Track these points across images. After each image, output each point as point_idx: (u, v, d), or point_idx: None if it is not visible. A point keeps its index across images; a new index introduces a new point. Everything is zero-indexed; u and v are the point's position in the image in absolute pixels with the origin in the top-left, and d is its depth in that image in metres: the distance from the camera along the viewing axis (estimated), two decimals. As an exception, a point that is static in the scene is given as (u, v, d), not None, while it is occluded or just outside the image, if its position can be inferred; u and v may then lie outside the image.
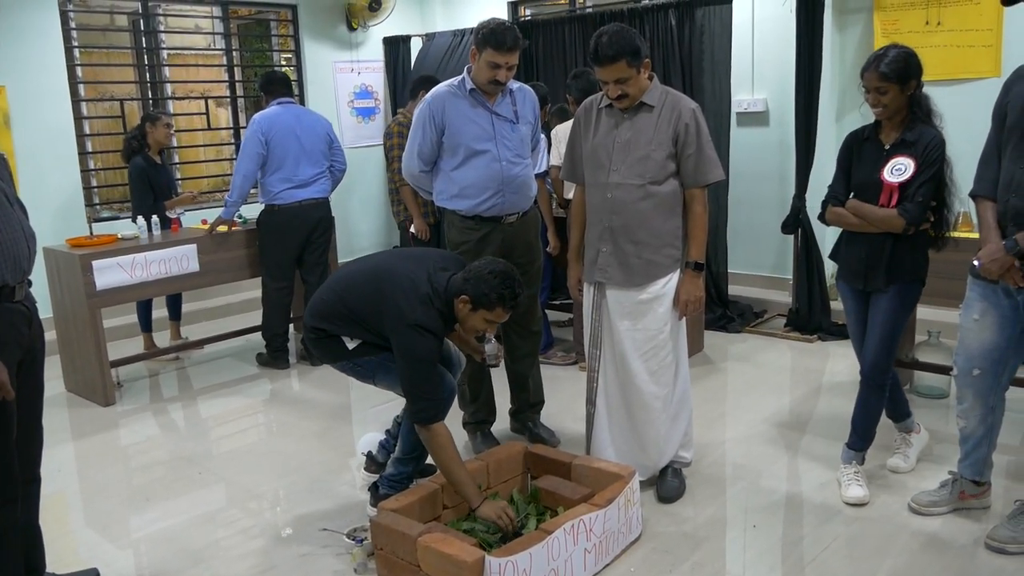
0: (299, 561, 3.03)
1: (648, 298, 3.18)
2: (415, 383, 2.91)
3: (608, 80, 3.08)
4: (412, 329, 2.89)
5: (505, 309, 2.95)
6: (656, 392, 3.21)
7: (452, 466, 2.89)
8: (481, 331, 3.08)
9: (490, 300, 2.91)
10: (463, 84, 3.59)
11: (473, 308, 2.94)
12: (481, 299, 2.91)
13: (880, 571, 2.81)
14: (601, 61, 3.04)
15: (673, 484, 3.35)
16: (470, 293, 2.92)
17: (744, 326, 5.69)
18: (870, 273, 3.20)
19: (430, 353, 2.93)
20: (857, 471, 3.35)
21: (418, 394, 2.91)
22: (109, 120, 6.99)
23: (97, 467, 3.97)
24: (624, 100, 3.13)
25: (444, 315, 2.98)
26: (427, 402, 2.91)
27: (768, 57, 5.90)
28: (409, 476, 3.33)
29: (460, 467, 2.91)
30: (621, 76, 3.05)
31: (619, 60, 3.02)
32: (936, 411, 4.17)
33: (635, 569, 2.86)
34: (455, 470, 2.89)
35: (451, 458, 2.90)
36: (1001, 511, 3.10)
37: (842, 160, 3.31)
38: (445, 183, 3.67)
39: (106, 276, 4.64)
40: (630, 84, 3.09)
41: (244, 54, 7.72)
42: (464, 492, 2.89)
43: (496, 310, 2.94)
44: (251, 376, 5.18)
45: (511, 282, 2.93)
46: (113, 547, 3.21)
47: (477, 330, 3.06)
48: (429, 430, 2.90)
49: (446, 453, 2.90)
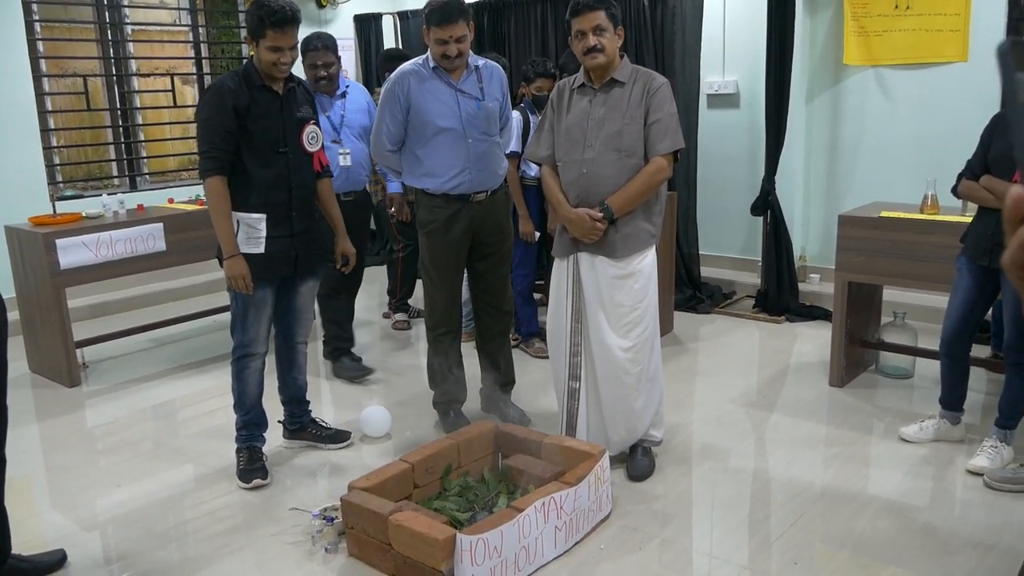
0: (269, 541, 3.01)
1: (623, 274, 3.19)
2: (199, 140, 3.28)
3: (587, 29, 3.10)
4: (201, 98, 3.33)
5: (273, 29, 3.16)
6: (630, 369, 3.23)
7: (219, 215, 3.24)
8: (274, 64, 3.22)
9: (254, 26, 3.19)
10: (427, 62, 3.56)
11: (255, 44, 3.21)
12: (251, 31, 3.23)
13: (845, 546, 2.85)
14: (581, 9, 3.08)
15: (643, 463, 3.38)
16: (247, 32, 3.28)
17: (713, 307, 5.73)
18: (996, 249, 3.22)
19: (206, 108, 3.24)
20: (995, 445, 3.36)
21: (200, 151, 3.25)
22: (72, 96, 6.84)
23: (63, 449, 3.91)
24: (598, 56, 3.13)
25: (247, 73, 3.27)
26: (203, 159, 3.24)
27: (739, 39, 5.91)
28: (243, 424, 3.54)
29: (224, 218, 3.24)
30: (599, 25, 3.09)
31: (599, 9, 3.08)
32: (900, 391, 4.24)
33: (605, 546, 2.88)
34: (220, 220, 3.24)
35: (215, 207, 3.25)
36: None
37: (984, 136, 3.35)
38: (412, 162, 3.65)
39: (70, 255, 4.55)
40: (607, 38, 3.11)
41: (211, 31, 7.59)
42: (225, 240, 3.25)
43: (268, 33, 3.16)
44: (216, 357, 5.13)
45: (263, 3, 3.17)
46: (79, 528, 3.17)
47: (272, 64, 3.22)
48: (206, 182, 3.25)
49: (217, 204, 3.24)
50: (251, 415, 3.54)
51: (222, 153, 3.22)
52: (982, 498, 3.15)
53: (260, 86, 3.27)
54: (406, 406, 4.21)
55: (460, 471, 3.20)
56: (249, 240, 3.30)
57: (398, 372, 4.81)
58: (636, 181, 3.15)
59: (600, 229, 3.15)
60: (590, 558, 2.82)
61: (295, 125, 3.35)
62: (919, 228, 3.92)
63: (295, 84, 3.40)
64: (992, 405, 3.96)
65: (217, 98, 3.20)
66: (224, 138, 3.20)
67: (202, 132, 3.25)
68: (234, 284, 3.28)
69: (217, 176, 3.23)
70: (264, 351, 3.51)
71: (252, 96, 3.24)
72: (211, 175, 3.22)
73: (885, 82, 5.41)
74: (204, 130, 3.24)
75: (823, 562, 2.77)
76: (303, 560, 2.88)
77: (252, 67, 3.29)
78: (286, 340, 3.66)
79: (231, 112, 3.19)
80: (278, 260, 3.36)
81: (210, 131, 3.21)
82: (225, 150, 3.22)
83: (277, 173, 3.31)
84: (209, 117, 3.22)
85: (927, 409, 3.89)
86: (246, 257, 3.28)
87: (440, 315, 3.74)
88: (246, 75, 3.27)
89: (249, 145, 3.25)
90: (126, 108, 6.80)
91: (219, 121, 3.19)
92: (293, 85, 3.38)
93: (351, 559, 2.85)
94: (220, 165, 3.22)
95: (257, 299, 3.37)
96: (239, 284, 3.27)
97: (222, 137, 3.20)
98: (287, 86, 3.35)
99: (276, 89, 3.30)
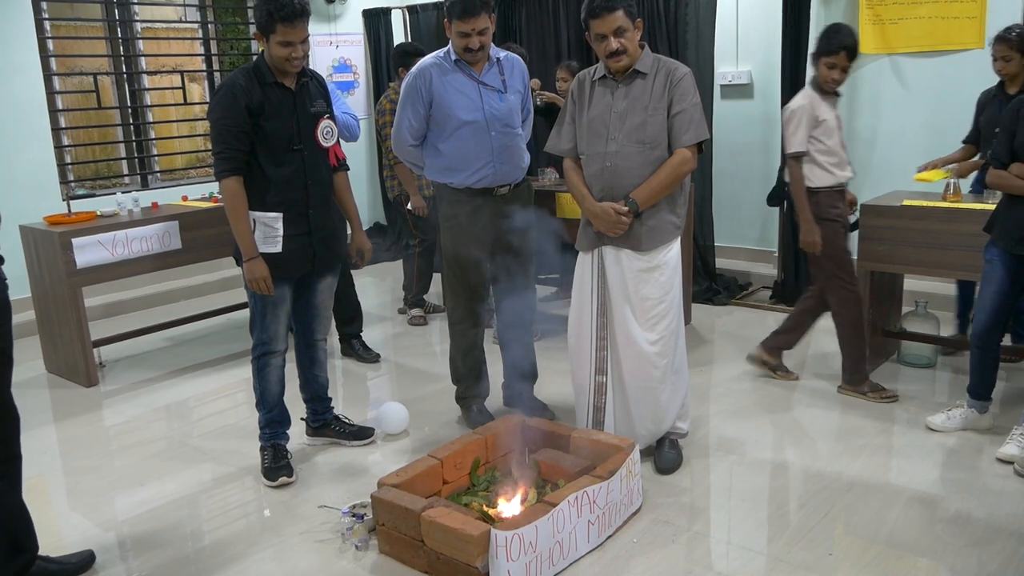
0: (299, 539, 2.99)
1: (649, 267, 3.17)
2: (213, 141, 3.24)
3: (607, 32, 3.05)
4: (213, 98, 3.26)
5: (283, 23, 3.10)
6: (657, 362, 3.20)
7: (237, 217, 3.21)
8: (286, 59, 3.17)
9: (263, 22, 3.13)
10: (448, 55, 3.53)
11: (266, 39, 3.16)
12: (260, 26, 3.16)
13: (878, 537, 2.84)
14: (598, 12, 3.03)
15: (671, 455, 3.36)
16: (257, 28, 3.19)
17: (730, 299, 5.71)
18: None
19: (218, 108, 3.18)
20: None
21: (214, 151, 3.22)
22: (81, 95, 6.82)
23: (83, 449, 3.89)
24: (622, 58, 3.09)
25: (257, 70, 3.22)
26: (217, 160, 3.21)
27: (752, 29, 5.88)
28: (266, 423, 3.53)
29: (242, 219, 3.22)
30: (620, 26, 3.05)
31: (617, 9, 3.03)
32: (923, 380, 4.21)
33: (637, 540, 2.87)
34: (239, 222, 3.22)
35: (232, 209, 3.22)
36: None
37: (1008, 124, 3.31)
38: (435, 156, 3.62)
39: (86, 254, 4.54)
40: (627, 38, 3.07)
41: (218, 27, 7.56)
42: (245, 243, 3.22)
43: (278, 28, 3.11)
44: (235, 354, 5.11)
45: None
46: (99, 530, 3.15)
47: (284, 60, 3.17)
48: (222, 184, 3.21)
49: (234, 207, 3.21)
50: (274, 413, 3.53)
51: (237, 153, 3.18)
52: (1014, 487, 3.13)
53: (272, 83, 3.22)
54: (423, 402, 4.19)
55: (488, 466, 3.18)
56: (267, 240, 3.28)
57: (415, 368, 4.79)
58: (661, 173, 3.13)
59: (626, 223, 3.12)
60: (623, 552, 2.80)
61: (309, 121, 3.31)
62: (942, 216, 3.90)
63: (308, 78, 3.36)
64: (1015, 394, 3.94)
65: (229, 98, 3.15)
66: (238, 138, 3.17)
67: (216, 133, 3.21)
68: (255, 287, 3.25)
69: (233, 177, 3.19)
70: (284, 348, 3.49)
71: (264, 93, 3.19)
72: (227, 175, 3.19)
73: (901, 70, 5.37)
74: (217, 131, 3.20)
75: (858, 553, 2.75)
76: (333, 557, 2.86)
77: (263, 63, 3.24)
78: (306, 338, 3.64)
79: (244, 111, 3.15)
80: (296, 259, 3.34)
81: (224, 131, 3.17)
82: (239, 150, 3.18)
83: (293, 171, 3.28)
84: (222, 117, 3.17)
85: (951, 398, 3.87)
86: (264, 256, 3.26)
87: (464, 310, 3.71)
88: (257, 72, 3.22)
89: (263, 144, 3.21)
90: (136, 106, 6.78)
91: (232, 121, 3.15)
92: (306, 79, 3.34)
93: (382, 556, 2.83)
94: (235, 166, 3.19)
95: (276, 297, 3.35)
96: (260, 287, 3.24)
97: (236, 137, 3.16)
98: (299, 80, 3.31)
99: (288, 85, 3.26)
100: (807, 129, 3.78)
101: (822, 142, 3.79)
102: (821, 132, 3.78)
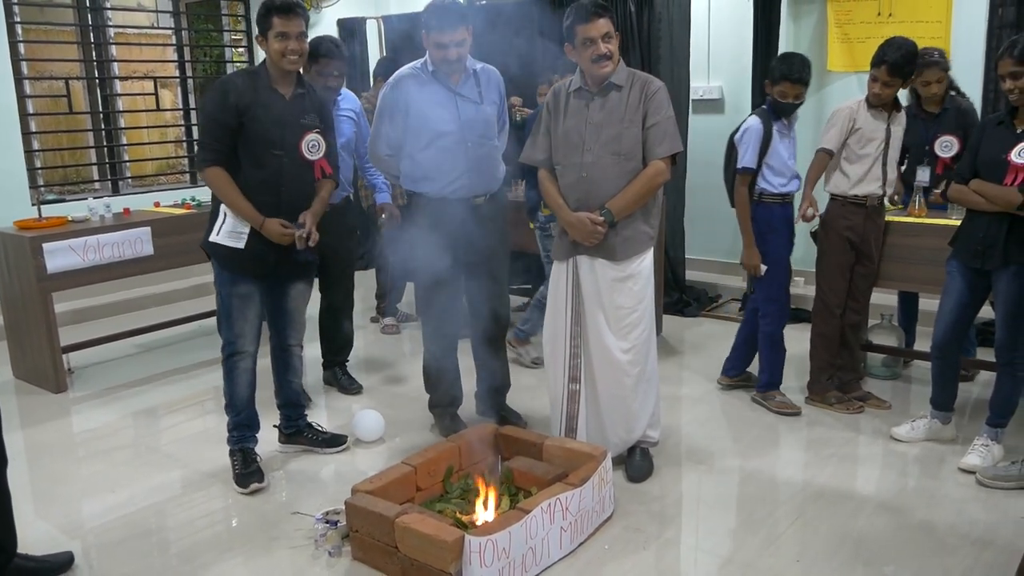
0: (270, 545, 2.99)
1: (623, 276, 3.22)
2: (199, 132, 3.33)
3: (597, 36, 3.13)
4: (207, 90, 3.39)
5: (279, 15, 3.20)
6: (629, 370, 3.24)
7: (231, 197, 3.26)
8: (282, 54, 3.22)
9: (262, 19, 3.24)
10: (425, 66, 3.56)
11: (265, 39, 3.25)
12: (260, 26, 3.26)
13: (845, 544, 2.89)
14: (590, 17, 3.12)
15: (642, 464, 3.40)
16: (258, 31, 3.28)
17: (700, 310, 5.78)
18: (988, 251, 3.27)
19: (210, 103, 3.29)
20: (986, 444, 3.41)
21: (199, 142, 3.33)
22: (52, 99, 6.76)
23: (52, 455, 3.85)
24: (608, 64, 3.16)
25: (257, 72, 3.33)
26: (201, 150, 3.31)
27: (724, 44, 5.97)
28: (234, 426, 3.52)
29: (238, 196, 3.25)
30: (609, 32, 3.14)
31: (607, 14, 3.14)
32: (888, 391, 4.28)
33: (609, 547, 2.90)
34: (234, 199, 3.25)
35: (221, 189, 3.27)
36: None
37: (973, 142, 3.40)
38: (411, 166, 3.64)
39: (57, 259, 4.49)
40: (614, 45, 3.17)
41: (192, 34, 7.54)
42: (246, 215, 3.27)
43: (274, 21, 3.20)
44: (205, 361, 5.08)
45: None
46: (67, 537, 3.11)
47: (281, 55, 3.23)
48: (204, 172, 3.28)
49: (222, 187, 3.26)
50: (242, 416, 3.51)
51: (220, 146, 3.26)
52: (975, 495, 3.21)
53: (267, 87, 3.28)
54: (398, 409, 4.19)
55: (461, 473, 3.20)
56: (231, 234, 3.32)
57: (389, 376, 4.79)
58: (635, 184, 3.18)
59: (601, 233, 3.17)
60: (595, 558, 2.83)
61: (296, 130, 3.32)
62: (909, 231, 3.99)
63: (305, 91, 3.39)
64: (978, 405, 4.03)
65: (221, 94, 3.24)
66: (223, 132, 3.24)
67: (203, 124, 3.34)
68: (280, 240, 3.29)
69: (215, 166, 3.26)
70: (253, 350, 3.48)
71: (257, 95, 3.25)
72: (209, 164, 3.27)
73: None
74: (205, 123, 3.33)
75: (825, 560, 2.80)
76: (306, 565, 2.86)
77: (264, 68, 3.33)
78: (280, 342, 3.64)
79: (233, 108, 3.21)
80: (258, 259, 3.34)
81: (211, 124, 3.28)
82: (223, 143, 3.25)
83: (269, 174, 3.29)
84: (211, 112, 3.27)
85: (916, 409, 3.95)
86: (227, 249, 3.30)
87: (437, 319, 3.73)
88: (256, 74, 3.32)
89: (245, 143, 3.26)
90: (108, 111, 6.73)
91: (219, 116, 3.23)
92: (303, 92, 3.37)
93: (355, 562, 2.84)
94: (217, 157, 3.26)
95: (241, 292, 3.36)
96: (285, 239, 3.29)
97: (221, 131, 3.24)
98: (296, 91, 3.34)
99: (283, 92, 3.30)
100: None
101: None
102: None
